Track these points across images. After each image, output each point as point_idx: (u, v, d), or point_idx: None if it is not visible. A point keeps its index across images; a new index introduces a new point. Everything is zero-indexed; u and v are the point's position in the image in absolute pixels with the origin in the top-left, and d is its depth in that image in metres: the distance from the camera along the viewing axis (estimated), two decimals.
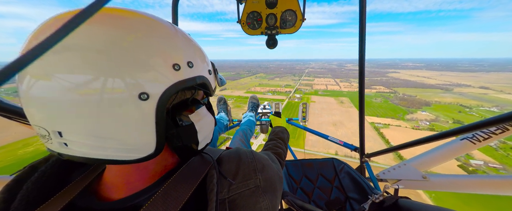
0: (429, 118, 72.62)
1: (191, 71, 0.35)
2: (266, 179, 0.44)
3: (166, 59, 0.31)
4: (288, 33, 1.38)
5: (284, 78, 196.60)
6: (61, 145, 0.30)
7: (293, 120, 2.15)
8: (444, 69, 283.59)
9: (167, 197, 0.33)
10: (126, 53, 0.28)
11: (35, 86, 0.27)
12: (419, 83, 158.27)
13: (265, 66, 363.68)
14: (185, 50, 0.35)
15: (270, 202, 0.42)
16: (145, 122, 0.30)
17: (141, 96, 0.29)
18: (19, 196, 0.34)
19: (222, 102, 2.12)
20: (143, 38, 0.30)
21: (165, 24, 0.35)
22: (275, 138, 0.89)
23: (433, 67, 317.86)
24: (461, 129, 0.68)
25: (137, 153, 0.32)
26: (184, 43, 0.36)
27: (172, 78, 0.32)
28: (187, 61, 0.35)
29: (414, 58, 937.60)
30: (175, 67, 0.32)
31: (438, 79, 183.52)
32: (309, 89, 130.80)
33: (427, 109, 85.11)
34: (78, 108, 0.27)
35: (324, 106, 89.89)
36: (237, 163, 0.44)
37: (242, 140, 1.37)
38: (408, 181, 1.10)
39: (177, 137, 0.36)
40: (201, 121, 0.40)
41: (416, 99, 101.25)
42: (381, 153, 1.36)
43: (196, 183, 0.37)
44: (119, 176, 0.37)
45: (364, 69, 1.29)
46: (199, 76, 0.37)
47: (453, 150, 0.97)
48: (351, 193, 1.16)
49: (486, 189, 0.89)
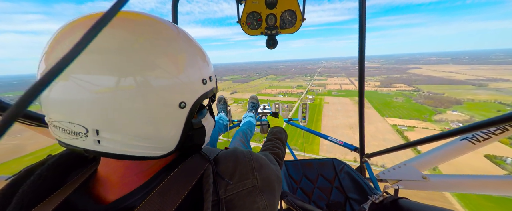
0: (462, 119, 64.36)
1: (211, 84, 0.42)
2: (263, 178, 0.45)
3: (201, 75, 0.39)
4: (288, 33, 1.41)
5: (295, 79, 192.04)
6: (95, 142, 0.32)
7: (293, 120, 2.15)
8: (474, 62, 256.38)
9: (163, 196, 0.34)
10: (173, 70, 0.34)
11: (73, 87, 0.28)
12: (446, 79, 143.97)
13: (275, 67, 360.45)
14: (209, 66, 0.42)
15: (268, 202, 0.43)
16: (177, 125, 0.36)
17: (181, 105, 0.35)
18: (15, 199, 0.34)
19: (222, 102, 2.14)
20: (189, 56, 0.37)
21: (196, 43, 0.41)
22: (273, 138, 0.89)
23: (460, 60, 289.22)
24: (461, 129, 0.69)
25: (161, 151, 0.36)
26: (208, 60, 0.43)
27: (201, 90, 0.39)
28: (209, 76, 0.42)
29: (437, 51, 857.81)
30: (203, 82, 0.39)
31: (468, 74, 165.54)
32: (322, 90, 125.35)
33: (459, 108, 75.99)
34: (124, 109, 0.30)
35: (338, 107, 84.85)
36: (234, 162, 0.45)
37: (242, 141, 1.37)
38: (408, 181, 1.09)
39: (190, 138, 0.40)
40: (209, 124, 0.46)
41: (444, 97, 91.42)
42: (381, 153, 1.36)
43: (192, 182, 0.38)
44: (116, 171, 0.38)
45: (364, 69, 1.30)
46: (215, 88, 0.45)
47: (453, 150, 0.98)
48: (351, 194, 1.16)
49: (486, 189, 0.89)
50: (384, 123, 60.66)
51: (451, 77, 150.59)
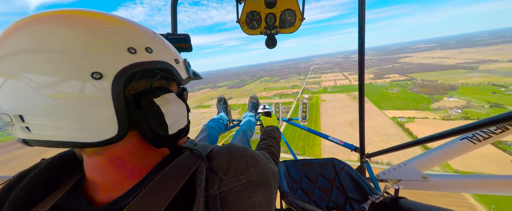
0: (460, 105, 64.19)
1: (150, 56, 0.35)
2: (259, 174, 0.45)
3: (119, 42, 0.32)
4: (288, 32, 1.40)
5: (290, 78, 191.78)
6: (24, 130, 0.31)
7: (293, 120, 2.19)
8: (461, 46, 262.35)
9: (154, 194, 0.33)
10: (78, 38, 0.30)
11: None
12: (437, 65, 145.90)
13: (269, 69, 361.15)
14: (142, 36, 0.36)
15: (263, 197, 0.42)
16: (101, 101, 0.31)
17: (94, 75, 0.29)
18: (7, 203, 0.33)
19: (222, 102, 2.11)
20: (96, 26, 0.32)
21: (120, 17, 0.36)
22: (268, 138, 0.88)
23: (448, 45, 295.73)
24: (461, 129, 0.70)
25: (97, 134, 0.32)
26: (141, 31, 0.37)
27: (127, 60, 0.32)
28: (144, 47, 0.35)
29: (425, 39, 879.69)
30: (130, 50, 0.33)
31: (458, 58, 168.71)
32: (317, 88, 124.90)
33: (454, 93, 76.15)
34: (34, 89, 0.28)
35: (335, 103, 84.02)
36: (229, 158, 0.44)
37: (242, 141, 1.36)
38: (408, 181, 1.10)
39: (142, 120, 0.36)
40: (168, 105, 0.39)
41: (438, 84, 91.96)
42: (381, 153, 1.37)
43: (184, 178, 0.37)
44: (97, 174, 0.37)
45: (363, 69, 1.30)
46: (161, 61, 0.37)
47: (453, 150, 0.98)
48: (351, 193, 1.17)
49: (486, 189, 0.89)
50: (383, 117, 59.79)
51: (442, 63, 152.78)
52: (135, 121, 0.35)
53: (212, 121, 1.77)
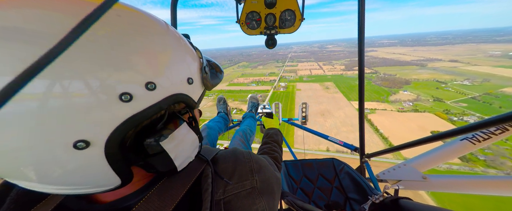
0: (411, 98, 73.91)
1: (152, 97, 0.27)
2: (263, 180, 0.44)
3: (107, 89, 0.23)
4: (287, 32, 1.40)
5: (268, 65, 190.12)
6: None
7: (293, 120, 2.24)
8: (415, 44, 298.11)
9: (161, 196, 0.33)
10: None
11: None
12: (397, 60, 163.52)
13: (247, 54, 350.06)
14: (140, 63, 0.26)
15: (266, 204, 0.41)
16: (94, 166, 0.25)
17: (77, 145, 0.23)
18: (8, 199, 0.32)
19: (221, 102, 2.11)
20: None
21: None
22: (270, 141, 0.87)
23: (406, 43, 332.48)
24: (461, 129, 0.70)
25: (102, 187, 0.28)
26: (140, 45, 0.26)
27: (120, 115, 0.24)
28: (145, 83, 0.26)
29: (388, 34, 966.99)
30: (123, 98, 0.24)
31: (412, 55, 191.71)
32: (294, 76, 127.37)
33: (408, 87, 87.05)
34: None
35: (310, 93, 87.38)
36: (234, 163, 0.43)
37: (242, 141, 1.35)
38: (408, 182, 1.11)
39: (148, 166, 0.31)
40: (177, 146, 0.31)
41: (396, 78, 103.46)
42: (381, 153, 1.39)
43: (190, 182, 0.37)
44: None
45: (363, 69, 1.29)
46: (167, 97, 0.29)
47: (453, 150, 0.99)
48: (351, 194, 1.18)
49: (486, 190, 0.90)
50: (350, 107, 64.80)
51: (400, 59, 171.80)
52: (140, 167, 0.32)
53: (212, 121, 1.77)
